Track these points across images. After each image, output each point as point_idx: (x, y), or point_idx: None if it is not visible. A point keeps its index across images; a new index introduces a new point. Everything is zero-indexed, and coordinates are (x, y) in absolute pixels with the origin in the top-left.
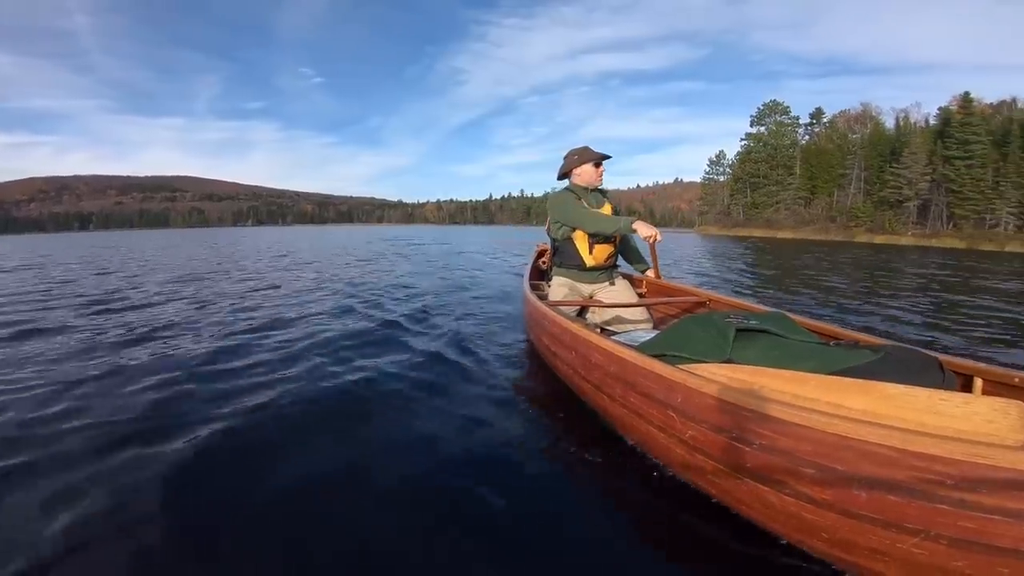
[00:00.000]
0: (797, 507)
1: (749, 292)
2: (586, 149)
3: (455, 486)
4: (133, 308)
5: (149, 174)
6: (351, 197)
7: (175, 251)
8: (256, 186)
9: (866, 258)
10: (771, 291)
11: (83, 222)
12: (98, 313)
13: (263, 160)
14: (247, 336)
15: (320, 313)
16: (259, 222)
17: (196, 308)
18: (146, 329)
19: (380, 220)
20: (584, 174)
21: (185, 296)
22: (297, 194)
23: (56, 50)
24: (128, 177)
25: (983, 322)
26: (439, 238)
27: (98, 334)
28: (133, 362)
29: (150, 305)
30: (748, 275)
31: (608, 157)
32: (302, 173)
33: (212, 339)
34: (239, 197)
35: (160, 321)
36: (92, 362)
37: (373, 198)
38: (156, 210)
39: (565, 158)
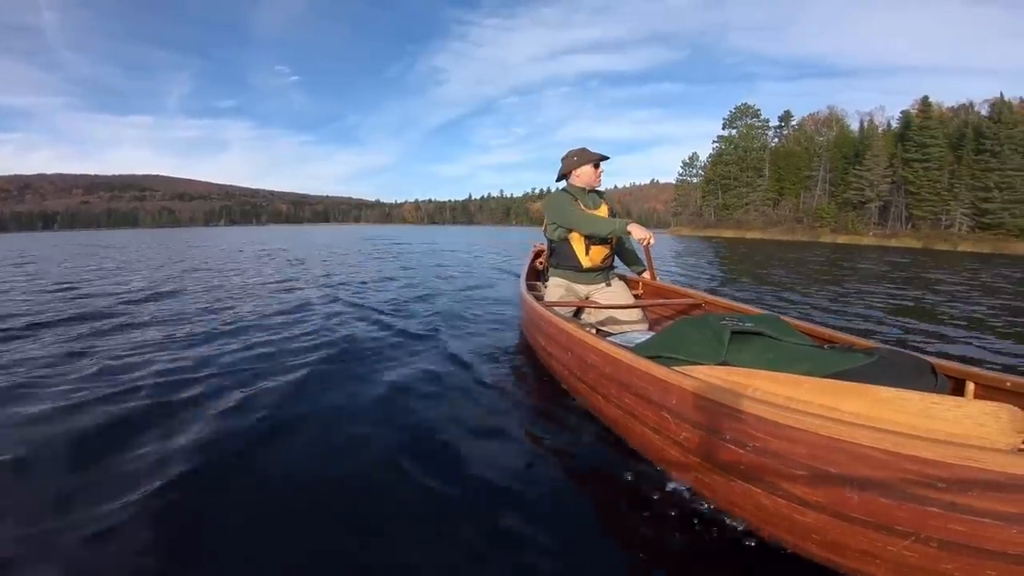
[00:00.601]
0: (789, 509)
1: (706, 281)
2: (584, 150)
3: (447, 486)
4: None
5: (117, 173)
6: (327, 196)
7: (171, 250)
8: (229, 185)
9: (826, 257)
10: (727, 279)
11: (47, 221)
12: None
13: (236, 159)
14: (230, 338)
15: (312, 314)
16: (232, 222)
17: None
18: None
19: (357, 220)
20: (583, 175)
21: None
22: (272, 193)
23: (22, 46)
24: (95, 176)
25: (895, 302)
26: (423, 238)
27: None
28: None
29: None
30: (715, 270)
31: (607, 158)
32: (277, 172)
33: (197, 334)
34: (211, 196)
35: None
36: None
37: (350, 198)
38: (124, 209)
39: (563, 160)
